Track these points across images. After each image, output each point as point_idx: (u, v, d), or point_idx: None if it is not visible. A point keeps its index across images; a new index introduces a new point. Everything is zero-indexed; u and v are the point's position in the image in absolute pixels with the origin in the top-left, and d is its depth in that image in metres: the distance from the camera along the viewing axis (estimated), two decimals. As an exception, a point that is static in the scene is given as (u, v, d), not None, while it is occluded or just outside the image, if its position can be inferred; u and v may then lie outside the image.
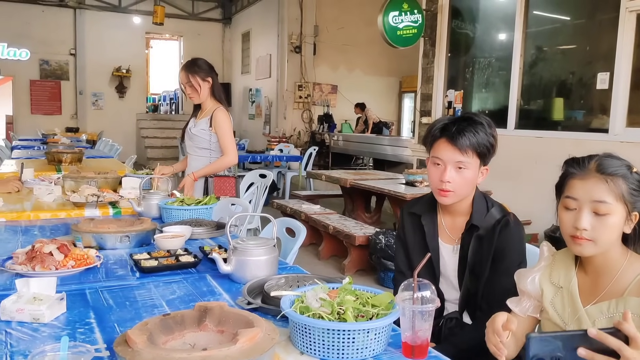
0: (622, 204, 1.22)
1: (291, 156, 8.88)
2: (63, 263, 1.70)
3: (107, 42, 13.26)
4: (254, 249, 1.69)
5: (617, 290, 1.24)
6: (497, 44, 6.25)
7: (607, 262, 1.27)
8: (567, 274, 1.34)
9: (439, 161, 1.67)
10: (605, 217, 1.21)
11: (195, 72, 3.17)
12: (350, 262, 4.59)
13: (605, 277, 1.27)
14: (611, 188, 1.21)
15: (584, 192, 1.24)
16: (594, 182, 1.23)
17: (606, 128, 4.73)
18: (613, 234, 1.23)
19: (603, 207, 1.21)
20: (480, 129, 1.64)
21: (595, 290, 1.29)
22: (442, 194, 1.67)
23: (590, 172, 1.24)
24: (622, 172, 1.23)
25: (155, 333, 1.13)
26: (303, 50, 11.61)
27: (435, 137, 1.68)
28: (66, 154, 4.69)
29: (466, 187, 1.67)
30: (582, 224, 1.22)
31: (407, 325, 1.19)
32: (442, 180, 1.64)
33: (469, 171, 1.65)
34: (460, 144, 1.62)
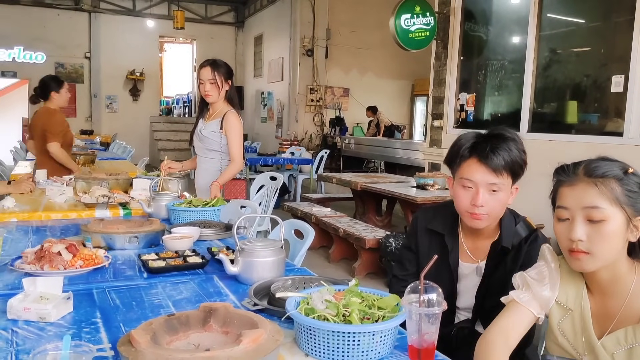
0: (619, 208, 1.11)
1: (303, 159, 8.88)
2: (71, 263, 1.71)
3: (121, 45, 13.41)
4: (261, 250, 1.68)
5: (632, 314, 1.14)
6: (510, 47, 6.20)
7: (615, 280, 1.16)
8: (577, 295, 1.22)
9: (469, 184, 1.51)
10: (601, 225, 1.10)
11: (221, 73, 3.16)
12: (360, 265, 4.56)
13: (616, 299, 1.16)
14: (602, 191, 1.11)
15: (574, 199, 1.14)
16: (583, 187, 1.13)
17: (621, 131, 4.66)
18: (613, 243, 1.11)
19: (596, 213, 1.10)
20: (513, 145, 1.50)
21: (607, 315, 1.18)
22: (475, 217, 1.53)
23: (578, 177, 1.15)
24: (613, 174, 1.12)
25: (159, 333, 1.12)
26: (315, 53, 11.63)
27: (464, 157, 1.53)
28: (79, 156, 4.73)
29: (500, 209, 1.55)
30: (576, 234, 1.12)
31: (414, 328, 1.18)
32: (474, 204, 1.50)
33: (502, 193, 1.51)
34: (494, 165, 1.47)
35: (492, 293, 1.55)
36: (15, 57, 12.62)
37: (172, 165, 3.19)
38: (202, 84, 3.17)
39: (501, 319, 1.23)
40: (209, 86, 3.15)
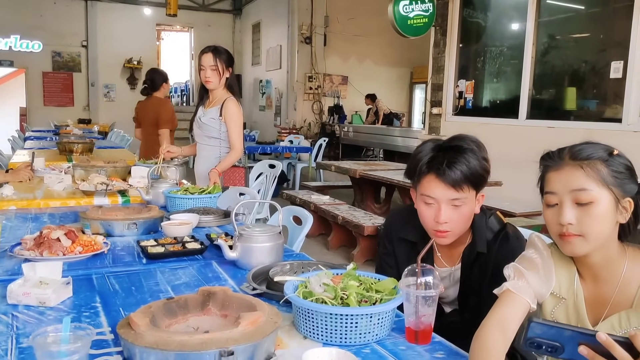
0: (606, 189, 1.10)
1: (301, 147, 8.88)
2: (70, 249, 1.71)
3: (118, 33, 13.32)
4: (259, 235, 1.69)
5: (625, 299, 1.14)
6: (509, 33, 6.18)
7: (607, 265, 1.15)
8: (569, 283, 1.22)
9: (430, 200, 1.46)
10: (590, 207, 1.10)
11: (223, 59, 3.15)
12: (359, 252, 4.59)
13: (609, 285, 1.16)
14: (588, 173, 1.10)
15: (561, 183, 1.13)
16: (569, 170, 1.13)
17: (619, 118, 4.66)
18: (603, 224, 1.11)
19: (584, 195, 1.10)
20: (471, 156, 1.43)
21: (601, 301, 1.17)
22: (439, 235, 1.47)
23: (564, 161, 1.14)
24: (598, 155, 1.12)
25: (158, 316, 1.13)
26: (313, 41, 11.56)
27: (422, 173, 1.46)
28: (77, 144, 4.73)
29: (464, 223, 1.49)
30: (566, 217, 1.11)
31: (411, 310, 1.19)
32: (437, 221, 1.45)
33: (466, 207, 1.45)
34: (452, 180, 1.41)
35: (472, 292, 1.54)
36: (12, 46, 12.54)
37: (171, 149, 3.19)
38: (203, 70, 3.15)
39: (497, 310, 1.19)
40: (209, 72, 3.13)
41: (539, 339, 0.93)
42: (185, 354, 0.97)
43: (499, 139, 5.60)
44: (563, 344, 0.92)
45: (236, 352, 0.98)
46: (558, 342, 0.92)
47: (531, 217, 4.63)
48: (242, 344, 1.00)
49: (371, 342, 1.18)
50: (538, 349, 0.93)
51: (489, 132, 5.52)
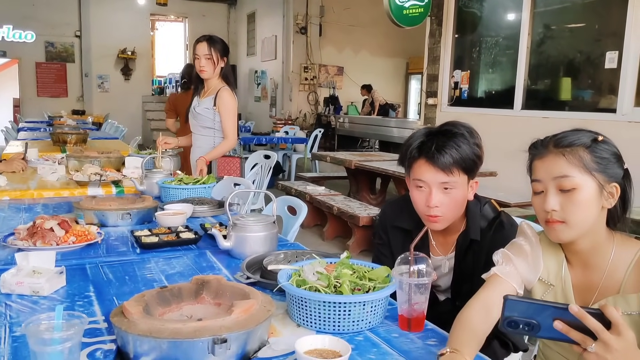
0: (589, 175, 1.11)
1: (297, 138, 8.86)
2: (64, 239, 1.71)
3: (112, 23, 13.21)
4: (253, 225, 1.69)
5: (612, 285, 1.15)
6: (505, 23, 6.16)
7: (594, 251, 1.17)
8: (557, 269, 1.23)
9: (421, 184, 1.47)
10: (572, 193, 1.11)
11: (217, 49, 3.13)
12: (354, 242, 4.60)
13: (597, 271, 1.18)
14: (570, 160, 1.12)
15: (545, 171, 1.15)
16: (552, 158, 1.14)
17: (614, 108, 4.67)
18: (587, 211, 1.12)
19: (566, 181, 1.11)
20: (462, 141, 1.44)
21: (589, 287, 1.19)
22: (431, 219, 1.48)
23: (548, 149, 1.16)
24: (581, 142, 1.13)
25: (151, 305, 1.13)
26: (309, 31, 11.51)
27: (413, 158, 1.48)
28: (71, 135, 4.70)
29: (456, 208, 1.50)
30: (549, 204, 1.13)
31: (404, 298, 1.19)
32: (429, 205, 1.46)
33: (457, 191, 1.46)
34: (442, 164, 1.42)
35: (465, 280, 1.55)
36: (5, 37, 12.41)
37: (167, 141, 3.18)
38: (198, 59, 3.13)
39: (481, 293, 1.21)
40: (204, 61, 3.12)
41: (516, 318, 0.94)
42: (179, 341, 0.97)
43: (495, 130, 5.60)
44: (539, 321, 0.94)
45: (229, 339, 0.99)
46: (534, 320, 0.94)
47: (526, 207, 4.65)
48: (235, 332, 1.00)
49: (364, 330, 1.18)
50: (516, 329, 0.95)
51: (484, 123, 5.51)
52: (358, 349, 1.10)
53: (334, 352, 1.02)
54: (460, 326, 1.14)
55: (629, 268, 1.14)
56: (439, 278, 1.63)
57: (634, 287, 1.12)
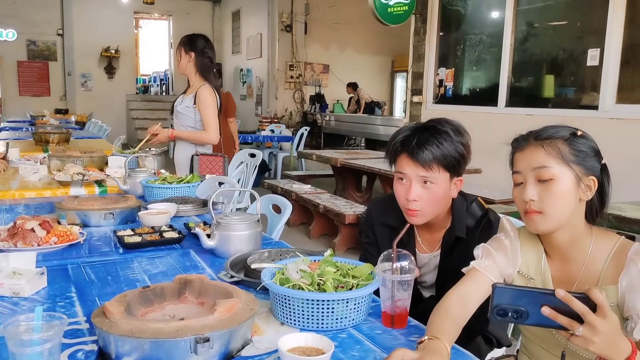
0: (567, 167, 1.14)
1: (283, 136, 8.84)
2: (45, 239, 1.69)
3: (95, 21, 13.06)
4: (237, 224, 1.68)
5: (591, 277, 1.17)
6: (488, 21, 6.20)
7: (573, 244, 1.19)
8: (537, 263, 1.26)
9: (402, 176, 1.49)
10: (550, 184, 1.14)
11: (182, 43, 3.22)
12: (340, 240, 4.60)
13: (575, 264, 1.20)
14: (549, 152, 1.15)
15: (524, 162, 1.18)
16: (531, 150, 1.18)
17: (596, 105, 4.72)
18: (564, 202, 1.14)
19: (544, 172, 1.14)
20: (445, 138, 1.45)
21: (568, 279, 1.21)
22: (409, 213, 1.49)
23: (528, 142, 1.19)
24: (560, 135, 1.16)
25: (133, 305, 1.12)
26: (294, 29, 11.49)
27: (397, 152, 1.50)
28: (53, 135, 4.64)
29: (436, 205, 1.50)
30: (528, 194, 1.15)
31: (387, 295, 1.20)
32: (408, 198, 1.47)
33: (436, 186, 1.47)
34: (422, 160, 1.44)
35: (450, 277, 1.52)
36: (-15, 35, 12.24)
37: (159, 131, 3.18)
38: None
39: (460, 285, 1.23)
40: (177, 57, 3.25)
41: (505, 306, 0.96)
42: (161, 341, 0.96)
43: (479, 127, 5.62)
44: (527, 308, 0.96)
45: (212, 338, 0.99)
46: (522, 307, 0.96)
47: (510, 204, 4.69)
48: (217, 331, 1.00)
49: (348, 327, 1.19)
50: (504, 317, 0.97)
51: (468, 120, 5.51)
52: (342, 346, 1.10)
53: (317, 350, 1.02)
54: (438, 315, 1.16)
55: (606, 260, 1.17)
56: (424, 274, 1.64)
57: (612, 279, 1.15)
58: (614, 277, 1.14)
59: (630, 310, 1.10)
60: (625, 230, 2.57)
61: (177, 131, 3.22)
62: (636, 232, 2.56)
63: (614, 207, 2.71)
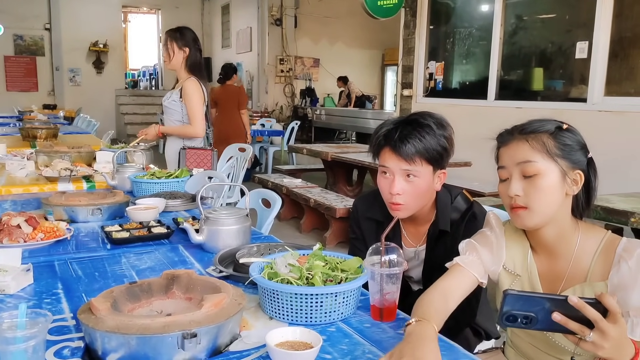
0: (552, 161, 1.13)
1: (273, 131, 8.82)
2: (32, 236, 1.67)
3: (82, 16, 12.91)
4: (225, 218, 1.68)
5: (579, 273, 1.17)
6: (478, 14, 6.21)
7: (560, 239, 1.18)
8: (523, 259, 1.25)
9: (386, 170, 1.49)
10: (535, 179, 1.13)
11: (174, 38, 3.17)
12: (331, 234, 4.60)
13: (563, 259, 1.19)
14: (533, 146, 1.13)
15: (509, 157, 1.17)
16: (515, 144, 1.16)
17: (585, 97, 4.75)
18: (549, 196, 1.13)
19: (529, 167, 1.13)
20: (427, 132, 1.45)
21: (556, 276, 1.20)
22: (393, 207, 1.49)
23: (513, 137, 1.18)
24: (545, 129, 1.15)
25: (120, 301, 1.11)
26: (284, 22, 11.43)
27: (380, 146, 1.50)
28: (41, 130, 4.60)
29: (419, 198, 1.50)
30: (512, 189, 1.15)
31: (375, 288, 1.20)
32: (391, 192, 1.47)
33: (420, 180, 1.46)
34: (404, 153, 1.43)
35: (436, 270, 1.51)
36: (-29, 30, 12.07)
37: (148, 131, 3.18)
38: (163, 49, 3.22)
39: (442, 280, 1.24)
40: (164, 52, 3.20)
41: (514, 312, 0.95)
42: (147, 337, 0.96)
43: (469, 120, 5.65)
44: (536, 313, 0.95)
45: (199, 334, 0.98)
46: (532, 313, 0.95)
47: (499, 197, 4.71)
48: (205, 326, 0.99)
49: (337, 321, 1.18)
50: (514, 323, 0.96)
51: (458, 113, 5.57)
52: (330, 340, 1.10)
53: (305, 344, 1.02)
54: (421, 306, 1.16)
55: (594, 256, 1.16)
56: (411, 269, 1.64)
57: (601, 275, 1.14)
58: (603, 273, 1.14)
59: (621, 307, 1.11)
60: (613, 222, 2.59)
61: (163, 127, 3.20)
62: (624, 223, 2.58)
63: (602, 198, 2.73)
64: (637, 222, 2.50)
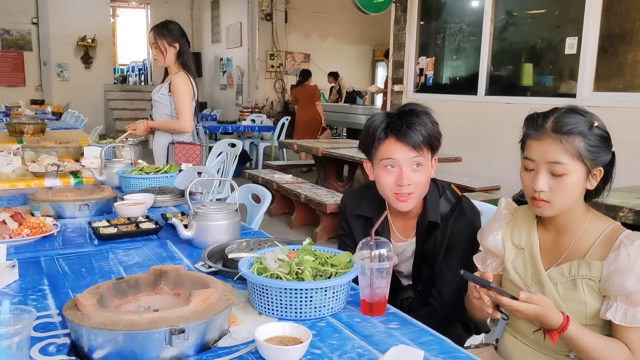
0: (580, 162, 1.18)
1: (263, 126, 8.79)
2: (17, 231, 1.65)
3: (70, 10, 12.76)
4: (214, 213, 1.66)
5: (579, 251, 1.23)
6: (468, 10, 6.21)
7: (569, 221, 1.25)
8: (528, 234, 1.32)
9: (391, 163, 1.46)
10: (563, 178, 1.18)
11: (163, 35, 3.10)
12: (322, 229, 4.60)
13: (567, 237, 1.26)
14: (566, 148, 1.17)
15: (540, 153, 1.20)
16: (549, 142, 1.19)
17: (574, 93, 4.77)
18: (572, 194, 1.20)
19: (559, 167, 1.18)
20: (426, 119, 1.47)
21: (557, 251, 1.27)
22: (401, 199, 1.48)
23: (546, 132, 1.20)
24: (579, 130, 1.18)
25: (107, 297, 1.10)
26: (274, 17, 11.38)
27: (381, 139, 1.47)
28: (28, 125, 4.54)
29: (425, 186, 1.51)
30: (539, 185, 1.20)
31: (365, 283, 1.19)
32: (400, 184, 1.45)
33: (425, 168, 1.48)
34: (413, 141, 1.43)
35: (426, 264, 1.57)
36: (-44, 24, 11.89)
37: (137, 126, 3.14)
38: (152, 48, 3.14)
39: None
40: (154, 51, 3.15)
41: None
42: (134, 333, 0.94)
43: (459, 115, 5.67)
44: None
45: (187, 329, 0.97)
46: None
47: (490, 192, 4.73)
48: (193, 322, 0.98)
49: (326, 316, 1.18)
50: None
51: (449, 109, 5.58)
52: (320, 335, 1.09)
53: (295, 339, 1.01)
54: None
55: (597, 239, 1.22)
56: (401, 263, 1.64)
57: (600, 257, 1.20)
58: (602, 255, 1.19)
59: (610, 290, 1.15)
60: (601, 216, 2.59)
61: (152, 122, 3.17)
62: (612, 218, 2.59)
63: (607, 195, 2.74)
64: (626, 217, 2.51)
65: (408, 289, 1.64)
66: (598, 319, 1.19)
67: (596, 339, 1.14)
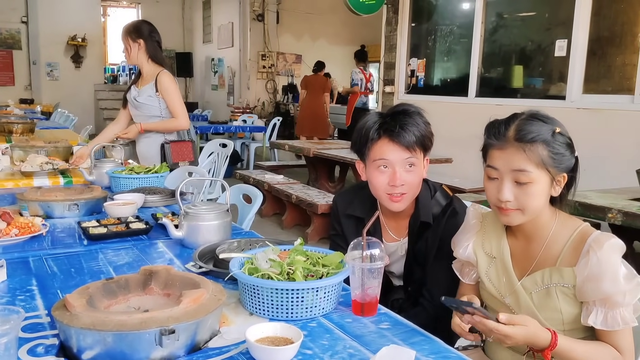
0: (544, 170, 1.17)
1: (255, 127, 8.77)
2: (5, 231, 1.63)
3: (60, 9, 12.65)
4: (205, 213, 1.65)
5: (550, 257, 1.22)
6: (459, 12, 6.24)
7: (537, 227, 1.24)
8: (498, 242, 1.31)
9: (385, 163, 1.46)
10: (527, 186, 1.17)
11: (128, 33, 3.12)
12: (313, 230, 4.59)
13: (536, 243, 1.25)
14: (529, 156, 1.16)
15: (503, 162, 1.19)
16: (512, 151, 1.17)
17: (564, 95, 4.81)
18: (537, 201, 1.19)
19: (523, 176, 1.16)
20: (419, 119, 1.47)
21: (528, 258, 1.26)
22: (395, 199, 1.48)
23: (508, 141, 1.18)
24: (542, 138, 1.16)
25: (96, 297, 1.09)
26: (266, 18, 11.36)
27: (374, 139, 1.47)
28: (17, 125, 4.51)
29: (417, 186, 1.51)
30: (505, 195, 1.18)
31: (357, 283, 1.19)
32: (393, 184, 1.46)
33: (418, 168, 1.48)
34: (407, 142, 1.44)
35: (418, 264, 1.57)
36: (-56, 22, 11.75)
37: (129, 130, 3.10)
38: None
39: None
40: (123, 49, 3.16)
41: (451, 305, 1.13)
42: (124, 334, 0.94)
43: (450, 117, 5.69)
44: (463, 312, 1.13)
45: (177, 330, 0.96)
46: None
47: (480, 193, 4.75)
48: (183, 322, 0.97)
49: (318, 316, 1.17)
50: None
51: (439, 110, 5.59)
52: (311, 335, 1.09)
53: (286, 339, 1.01)
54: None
55: (566, 244, 1.21)
56: (393, 263, 1.64)
57: (570, 262, 1.19)
58: (572, 261, 1.18)
59: (586, 296, 1.15)
60: (590, 217, 2.62)
61: (145, 124, 3.09)
62: (601, 219, 2.62)
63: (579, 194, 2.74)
64: (614, 218, 2.54)
65: (399, 290, 1.64)
66: (576, 323, 1.19)
67: (586, 347, 1.14)
